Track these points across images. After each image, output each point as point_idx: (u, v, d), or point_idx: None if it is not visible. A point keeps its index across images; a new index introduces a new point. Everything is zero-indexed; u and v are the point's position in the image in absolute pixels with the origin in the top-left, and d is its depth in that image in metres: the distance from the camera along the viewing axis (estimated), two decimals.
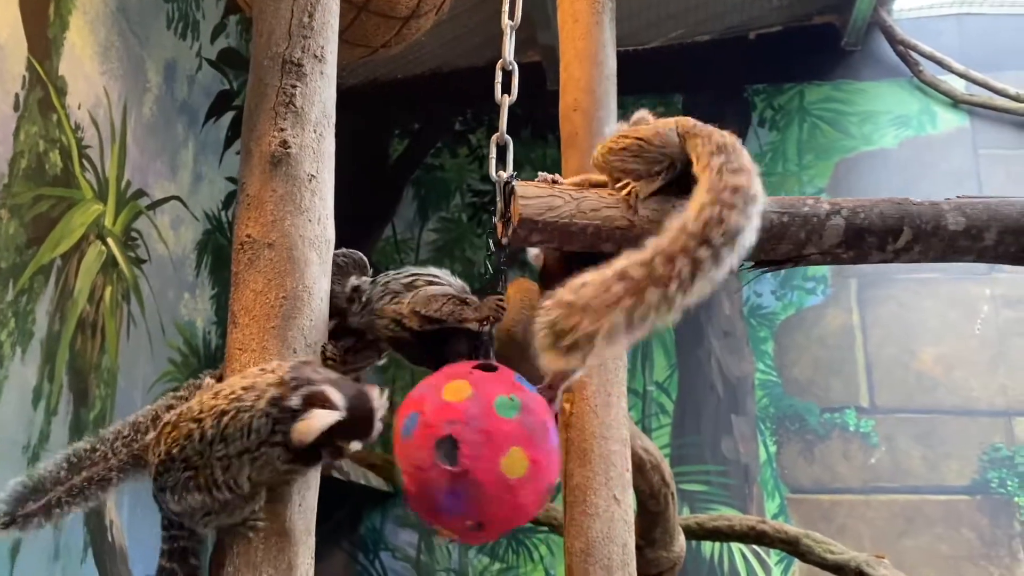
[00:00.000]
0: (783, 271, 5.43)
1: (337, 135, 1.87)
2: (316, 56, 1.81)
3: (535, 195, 1.78)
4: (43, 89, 3.26)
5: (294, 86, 1.77)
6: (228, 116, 4.87)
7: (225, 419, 1.49)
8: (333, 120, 1.86)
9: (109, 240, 3.71)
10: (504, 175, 1.89)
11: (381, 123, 6.19)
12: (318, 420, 1.47)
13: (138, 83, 3.98)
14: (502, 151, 1.99)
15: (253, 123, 1.78)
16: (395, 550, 5.32)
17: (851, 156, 5.59)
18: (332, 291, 1.83)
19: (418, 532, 5.33)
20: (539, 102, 3.74)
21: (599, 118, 3.05)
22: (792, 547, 3.71)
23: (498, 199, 1.87)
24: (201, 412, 1.51)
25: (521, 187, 1.79)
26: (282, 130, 1.74)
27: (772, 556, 4.95)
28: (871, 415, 5.11)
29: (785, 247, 1.80)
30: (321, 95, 1.81)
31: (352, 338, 1.86)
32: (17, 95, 3.12)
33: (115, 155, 3.77)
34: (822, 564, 3.63)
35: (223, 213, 4.80)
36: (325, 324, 1.77)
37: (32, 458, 3.14)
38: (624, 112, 6.13)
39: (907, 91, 5.63)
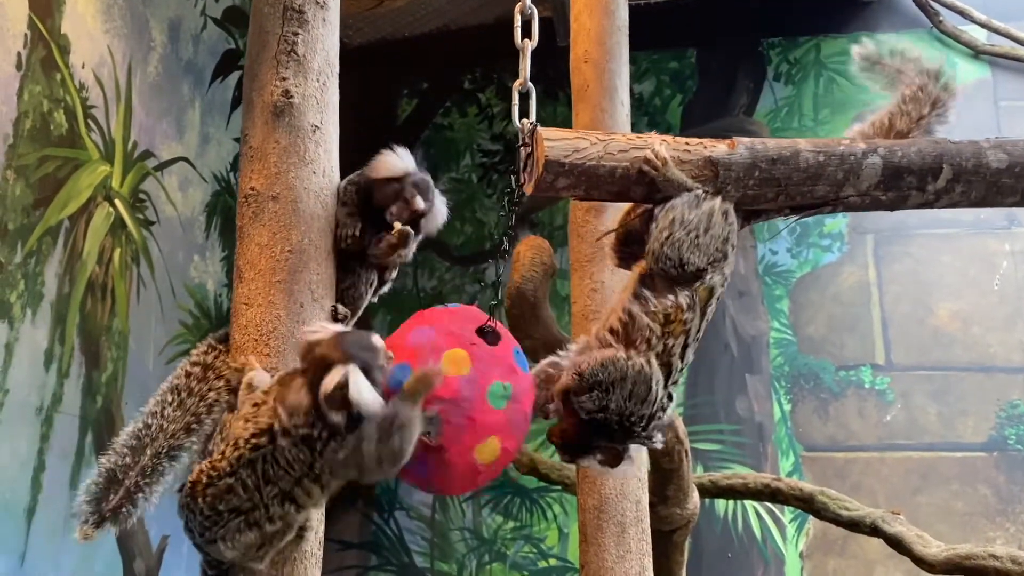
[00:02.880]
0: (798, 229, 5.39)
1: (345, 96, 1.83)
2: (318, 2, 1.75)
3: (560, 137, 1.71)
4: (45, 48, 3.21)
5: (296, 34, 1.72)
6: (235, 76, 4.81)
7: (260, 466, 1.43)
8: (337, 69, 1.81)
9: (117, 202, 3.68)
10: (527, 122, 1.82)
11: (389, 83, 6.11)
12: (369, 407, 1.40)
13: (142, 42, 3.92)
14: (524, 98, 1.92)
15: (254, 73, 1.73)
16: (409, 509, 5.35)
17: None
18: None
19: None
20: (549, 59, 3.66)
21: (610, 70, 2.98)
22: (807, 504, 3.69)
23: (521, 148, 1.79)
24: (232, 466, 1.44)
25: (545, 130, 1.73)
26: (284, 79, 1.69)
27: (786, 514, 4.94)
28: (887, 372, 5.06)
29: (822, 188, 1.75)
30: (324, 43, 1.76)
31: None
32: (19, 54, 3.07)
33: (121, 115, 3.72)
34: (837, 520, 3.61)
35: (231, 174, 4.76)
36: (332, 279, 1.74)
37: (45, 420, 3.15)
38: (636, 68, 5.99)
39: (927, 42, 5.50)
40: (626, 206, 1.86)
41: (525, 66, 1.95)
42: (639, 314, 1.63)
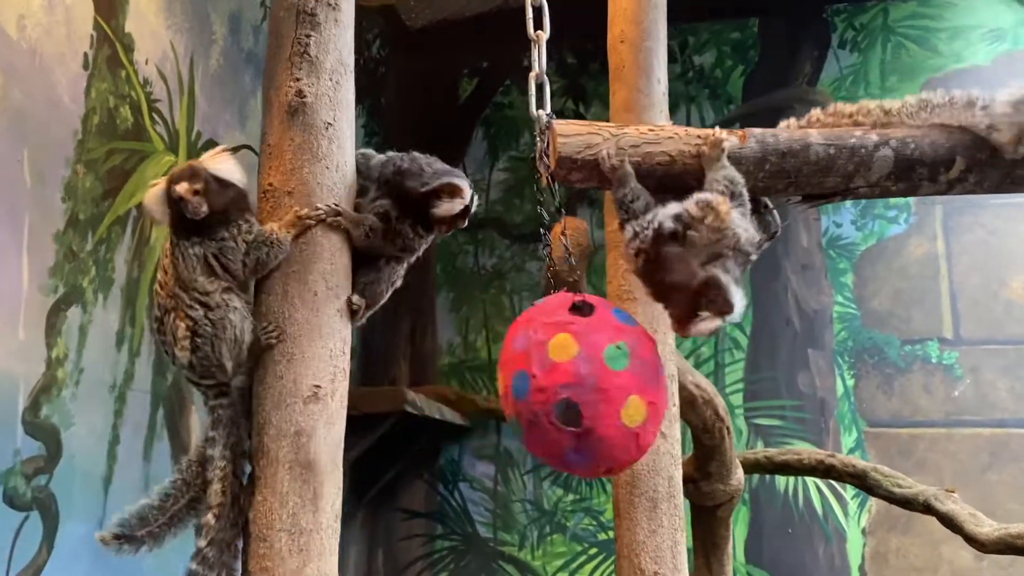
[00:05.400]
0: (863, 200, 5.24)
1: (407, 77, 1.91)
2: (330, 4, 1.83)
3: (573, 132, 1.78)
4: (111, 47, 3.40)
5: (308, 36, 1.80)
6: None
7: None
8: (351, 67, 1.89)
9: None
10: (543, 113, 1.89)
11: (451, 63, 6.19)
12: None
13: (204, 36, 4.10)
14: (540, 89, 1.98)
15: (272, 74, 1.83)
16: (473, 481, 5.50)
17: (939, 75, 5.28)
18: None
19: (495, 464, 5.49)
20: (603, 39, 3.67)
21: (647, 48, 2.98)
22: (860, 480, 3.65)
23: (537, 138, 1.87)
24: None
25: (559, 124, 1.80)
26: (297, 79, 1.78)
27: (848, 490, 4.89)
28: (955, 347, 4.92)
29: (832, 180, 1.78)
30: (336, 43, 1.84)
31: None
32: (86, 54, 3.27)
33: (184, 107, 3.91)
34: (890, 498, 3.56)
35: None
36: (348, 269, 1.84)
37: (119, 397, 3.38)
38: (696, 39, 5.85)
39: (1002, 2, 5.25)
40: None
41: (540, 58, 2.01)
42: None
